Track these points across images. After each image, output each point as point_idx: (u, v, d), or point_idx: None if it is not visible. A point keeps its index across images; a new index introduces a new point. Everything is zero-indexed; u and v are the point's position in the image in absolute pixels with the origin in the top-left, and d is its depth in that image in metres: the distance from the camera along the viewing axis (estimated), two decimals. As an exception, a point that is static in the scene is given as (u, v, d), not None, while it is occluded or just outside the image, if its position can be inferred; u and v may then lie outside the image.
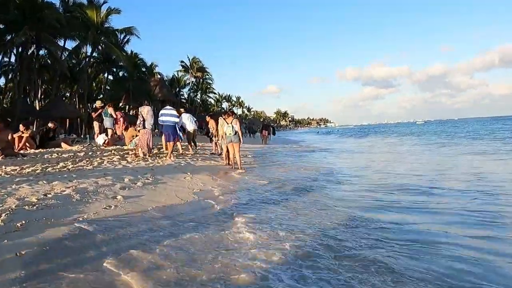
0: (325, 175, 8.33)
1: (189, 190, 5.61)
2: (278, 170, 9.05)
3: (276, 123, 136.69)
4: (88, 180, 5.53)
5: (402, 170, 9.25)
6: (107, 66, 33.95)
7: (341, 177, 7.95)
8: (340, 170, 9.24)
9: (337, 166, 10.23)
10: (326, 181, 7.38)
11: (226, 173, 8.06)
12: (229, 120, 8.51)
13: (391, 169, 9.51)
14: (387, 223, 4.09)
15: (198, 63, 58.24)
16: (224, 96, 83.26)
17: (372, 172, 9.09)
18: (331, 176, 8.11)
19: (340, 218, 4.28)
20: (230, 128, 8.37)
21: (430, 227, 3.96)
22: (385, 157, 13.90)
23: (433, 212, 4.65)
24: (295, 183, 7.01)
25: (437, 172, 8.55)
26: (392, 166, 10.17)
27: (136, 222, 3.73)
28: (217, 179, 6.99)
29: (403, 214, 4.57)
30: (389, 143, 24.86)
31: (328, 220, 4.19)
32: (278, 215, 4.37)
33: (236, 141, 8.48)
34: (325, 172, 8.92)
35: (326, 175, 8.34)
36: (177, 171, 7.27)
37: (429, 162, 11.61)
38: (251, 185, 6.57)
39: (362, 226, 3.97)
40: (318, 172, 8.79)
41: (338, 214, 4.50)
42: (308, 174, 8.46)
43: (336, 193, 6.00)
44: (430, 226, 4.00)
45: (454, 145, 18.63)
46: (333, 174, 8.56)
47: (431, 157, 13.17)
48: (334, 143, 28.54)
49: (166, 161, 8.59)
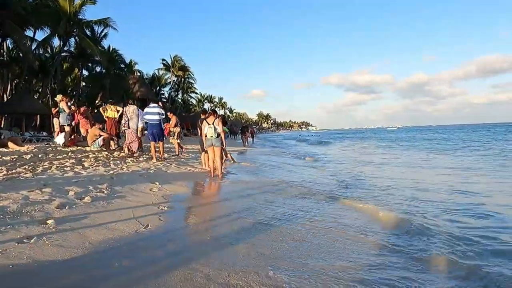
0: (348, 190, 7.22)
1: (154, 208, 4.32)
2: (267, 180, 7.86)
3: (258, 125, 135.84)
4: (16, 194, 4.12)
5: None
6: (81, 60, 31.68)
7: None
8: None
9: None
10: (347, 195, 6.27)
11: (203, 183, 6.79)
12: (210, 120, 7.26)
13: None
14: None
15: (180, 61, 56.34)
16: (206, 97, 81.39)
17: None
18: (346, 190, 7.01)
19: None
20: (211, 130, 7.12)
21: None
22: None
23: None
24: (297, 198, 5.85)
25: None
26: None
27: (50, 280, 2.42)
28: (192, 191, 5.71)
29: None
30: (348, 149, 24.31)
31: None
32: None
33: (218, 145, 7.24)
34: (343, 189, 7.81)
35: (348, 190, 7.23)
36: (143, 180, 5.93)
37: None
38: (233, 203, 5.34)
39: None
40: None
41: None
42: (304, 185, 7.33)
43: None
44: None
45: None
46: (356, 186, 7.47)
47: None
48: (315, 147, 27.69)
49: (131, 167, 7.22)
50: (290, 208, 5.00)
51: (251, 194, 5.81)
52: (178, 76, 56.95)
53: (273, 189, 6.43)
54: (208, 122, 7.25)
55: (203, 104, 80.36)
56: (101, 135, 9.17)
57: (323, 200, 5.74)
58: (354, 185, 7.51)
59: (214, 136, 7.10)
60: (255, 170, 9.34)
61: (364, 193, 6.60)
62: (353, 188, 7.13)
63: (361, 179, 8.50)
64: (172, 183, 6.05)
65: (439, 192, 6.70)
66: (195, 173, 7.69)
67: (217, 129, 7.14)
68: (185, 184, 6.22)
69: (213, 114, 7.37)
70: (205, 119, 7.39)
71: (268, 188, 6.47)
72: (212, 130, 7.09)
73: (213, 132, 7.08)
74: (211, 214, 4.55)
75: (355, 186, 7.45)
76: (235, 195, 5.67)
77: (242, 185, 6.74)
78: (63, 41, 25.52)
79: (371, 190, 6.91)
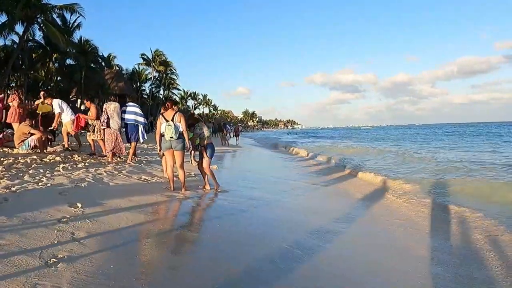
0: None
1: (31, 278, 2.38)
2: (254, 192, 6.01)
3: (243, 123, 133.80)
4: None
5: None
6: (47, 51, 28.87)
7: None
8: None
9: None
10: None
11: (159, 204, 4.84)
12: (168, 115, 5.34)
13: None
14: None
15: (161, 56, 53.68)
16: (190, 93, 78.70)
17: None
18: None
19: None
20: (170, 128, 5.19)
21: None
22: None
23: None
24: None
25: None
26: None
27: None
28: (132, 219, 3.78)
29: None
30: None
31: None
32: None
33: (179, 149, 5.34)
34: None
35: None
36: (59, 202, 3.93)
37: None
38: (207, 253, 3.47)
39: None
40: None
41: None
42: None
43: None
44: None
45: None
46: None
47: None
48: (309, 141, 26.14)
49: (58, 178, 5.19)
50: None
51: (237, 224, 3.94)
52: (160, 71, 54.29)
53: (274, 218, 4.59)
54: (165, 117, 5.33)
55: (187, 101, 77.72)
56: (32, 134, 7.08)
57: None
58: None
59: (174, 136, 5.18)
60: (239, 176, 7.48)
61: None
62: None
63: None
64: (106, 203, 4.10)
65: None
66: (151, 185, 5.74)
67: (178, 128, 5.23)
68: (126, 204, 4.27)
69: (171, 107, 5.43)
70: (162, 114, 5.44)
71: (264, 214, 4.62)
72: (172, 128, 5.16)
73: (172, 132, 5.16)
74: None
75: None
76: (211, 231, 3.78)
77: (221, 205, 4.87)
78: (25, 28, 22.80)
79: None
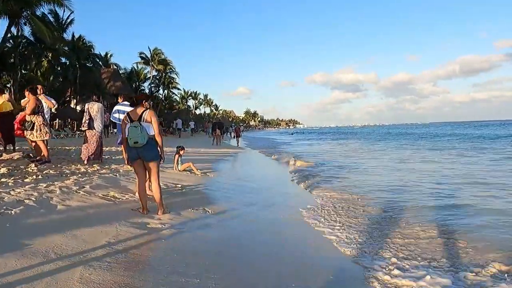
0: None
1: None
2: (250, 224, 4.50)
3: (245, 123, 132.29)
4: None
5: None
6: (38, 49, 27.36)
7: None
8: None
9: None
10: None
11: (116, 243, 3.32)
12: (136, 113, 3.84)
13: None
14: None
15: (160, 54, 51.96)
16: (190, 93, 77.03)
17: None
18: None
19: None
20: (136, 131, 3.68)
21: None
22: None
23: None
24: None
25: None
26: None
27: None
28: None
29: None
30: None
31: None
32: None
33: (151, 159, 3.83)
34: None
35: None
36: None
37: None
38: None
39: None
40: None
41: None
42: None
43: None
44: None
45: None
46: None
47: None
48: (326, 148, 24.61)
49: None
50: None
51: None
52: (159, 70, 52.67)
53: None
54: (131, 116, 3.82)
55: (187, 100, 76.12)
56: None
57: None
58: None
59: (140, 141, 3.66)
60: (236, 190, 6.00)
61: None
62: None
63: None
64: (30, 246, 2.61)
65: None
66: (118, 206, 4.22)
67: (148, 130, 3.71)
68: (64, 245, 2.77)
69: (142, 103, 3.88)
70: (128, 114, 3.89)
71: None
72: (138, 131, 3.64)
73: (138, 135, 3.63)
74: None
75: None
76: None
77: (216, 239, 3.37)
78: (9, 22, 21.34)
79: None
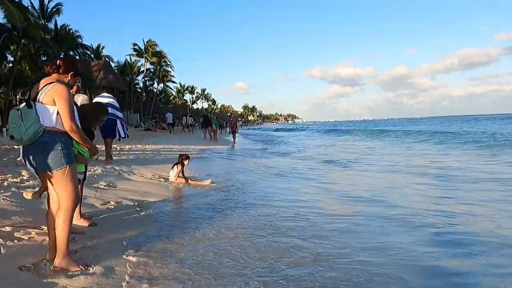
0: None
1: None
2: None
3: (243, 118, 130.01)
4: None
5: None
6: (14, 37, 24.70)
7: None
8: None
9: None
10: None
11: None
12: (37, 86, 1.82)
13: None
14: None
15: (154, 46, 49.23)
16: (187, 87, 74.44)
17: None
18: None
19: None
20: (15, 117, 1.76)
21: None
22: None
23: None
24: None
25: None
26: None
27: None
28: None
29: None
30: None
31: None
32: None
33: (43, 167, 1.91)
34: None
35: None
36: None
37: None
38: None
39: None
40: None
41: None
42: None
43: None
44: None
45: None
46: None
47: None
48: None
49: None
50: None
51: None
52: (153, 63, 50.10)
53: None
54: (30, 93, 1.84)
55: (183, 95, 73.65)
56: None
57: None
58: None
59: (18, 135, 1.71)
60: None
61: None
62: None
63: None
64: None
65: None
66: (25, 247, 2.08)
67: (45, 115, 1.67)
68: None
69: (58, 72, 2.01)
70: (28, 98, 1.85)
71: None
72: (18, 117, 1.71)
73: (16, 124, 1.68)
74: None
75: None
76: None
77: None
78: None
79: None
